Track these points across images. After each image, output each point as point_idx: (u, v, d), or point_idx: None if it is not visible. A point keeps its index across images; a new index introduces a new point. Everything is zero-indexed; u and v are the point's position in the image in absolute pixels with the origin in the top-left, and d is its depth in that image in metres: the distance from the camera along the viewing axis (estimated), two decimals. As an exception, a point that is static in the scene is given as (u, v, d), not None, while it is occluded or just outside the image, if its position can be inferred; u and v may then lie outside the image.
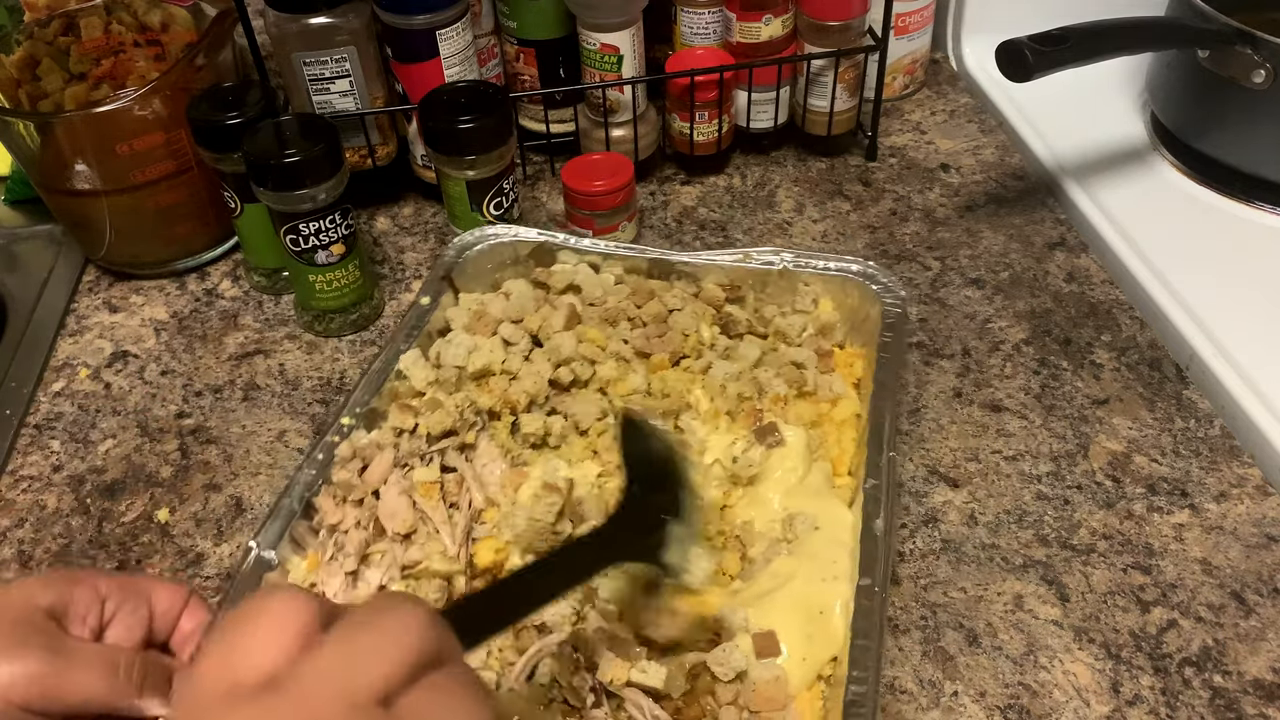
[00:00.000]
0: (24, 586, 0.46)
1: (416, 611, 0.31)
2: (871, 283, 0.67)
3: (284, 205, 0.71)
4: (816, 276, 0.69)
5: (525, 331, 0.66)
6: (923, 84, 1.00)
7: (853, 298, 0.68)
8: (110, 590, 0.48)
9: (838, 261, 0.68)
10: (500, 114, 0.72)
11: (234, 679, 0.29)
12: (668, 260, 0.70)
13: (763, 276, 0.69)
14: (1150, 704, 0.54)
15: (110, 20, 0.84)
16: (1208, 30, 0.78)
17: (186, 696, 0.30)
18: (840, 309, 0.69)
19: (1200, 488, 0.64)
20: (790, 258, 0.69)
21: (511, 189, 0.75)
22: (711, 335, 0.67)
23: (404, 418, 0.61)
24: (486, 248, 0.71)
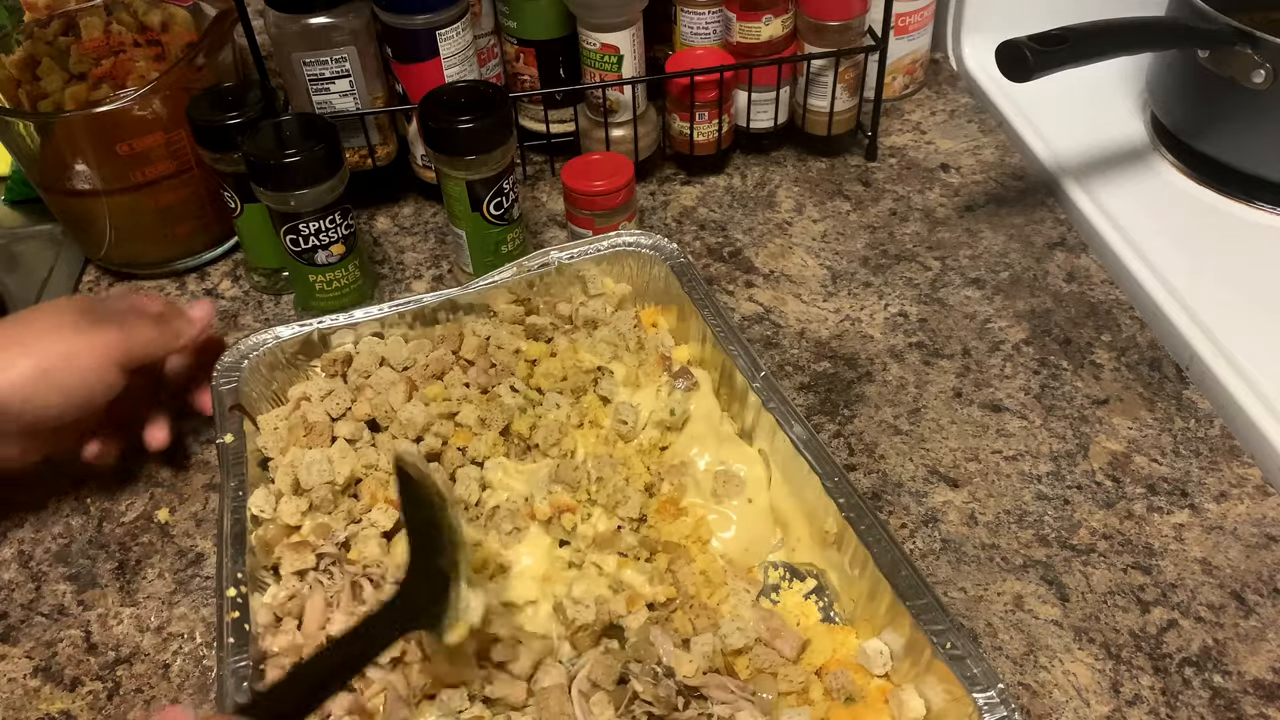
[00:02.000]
0: (63, 301, 0.65)
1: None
2: (641, 249, 0.72)
3: (284, 205, 0.71)
4: (590, 261, 0.72)
5: (358, 421, 0.65)
6: (923, 84, 1.00)
7: (630, 268, 0.73)
8: (116, 298, 0.65)
9: (604, 240, 0.72)
10: (500, 114, 0.72)
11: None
12: (449, 299, 0.70)
13: (544, 280, 0.72)
14: (1150, 704, 0.54)
15: (110, 20, 0.84)
16: (1208, 30, 0.78)
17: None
18: (627, 280, 0.73)
19: (1200, 488, 0.64)
20: (560, 254, 0.72)
21: (511, 189, 0.75)
22: (532, 347, 0.69)
23: (301, 556, 0.57)
24: (252, 363, 0.66)
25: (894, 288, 0.79)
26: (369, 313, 0.69)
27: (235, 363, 0.66)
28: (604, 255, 0.72)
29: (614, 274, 0.73)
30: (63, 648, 0.60)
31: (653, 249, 0.72)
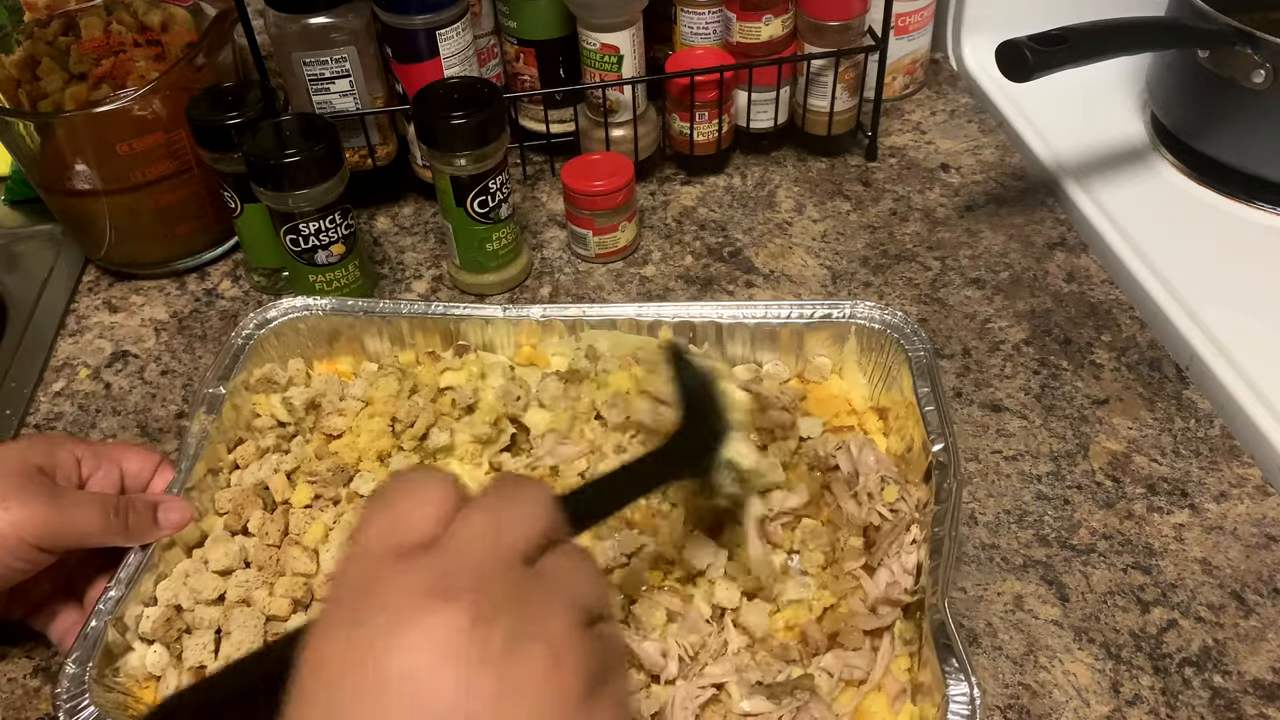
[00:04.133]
0: (13, 449, 0.54)
1: (543, 492, 0.37)
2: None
3: (284, 205, 0.71)
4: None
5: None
6: (923, 84, 1.00)
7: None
8: (84, 454, 0.57)
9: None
10: (490, 112, 0.72)
11: (399, 542, 0.33)
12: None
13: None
14: (1150, 704, 0.54)
15: (110, 20, 0.84)
16: (1208, 30, 0.78)
17: (357, 554, 0.34)
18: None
19: (1200, 488, 0.64)
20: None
21: (500, 189, 0.75)
22: None
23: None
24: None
25: (894, 288, 0.79)
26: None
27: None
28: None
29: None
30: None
31: (291, 313, 0.69)
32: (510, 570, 0.33)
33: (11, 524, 0.51)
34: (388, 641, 0.31)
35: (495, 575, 0.33)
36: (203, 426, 0.62)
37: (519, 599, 0.32)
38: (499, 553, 0.34)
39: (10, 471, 0.53)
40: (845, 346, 0.66)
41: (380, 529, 0.34)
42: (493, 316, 0.68)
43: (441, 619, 0.31)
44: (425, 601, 0.31)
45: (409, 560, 0.33)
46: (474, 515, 0.35)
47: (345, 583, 0.34)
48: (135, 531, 0.56)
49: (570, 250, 0.83)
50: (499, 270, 0.79)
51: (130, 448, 0.60)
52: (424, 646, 0.30)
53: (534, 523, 0.35)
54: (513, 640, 0.31)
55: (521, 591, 0.33)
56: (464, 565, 0.33)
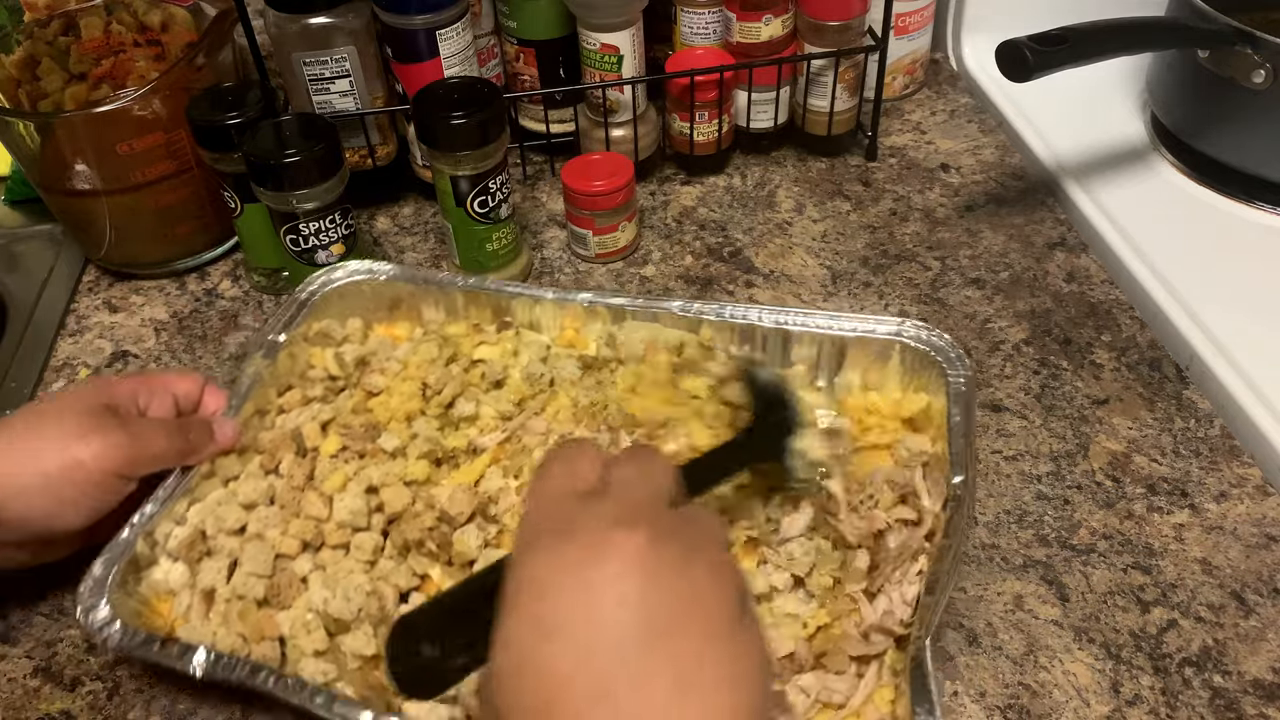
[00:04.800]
0: (77, 393, 0.59)
1: (667, 459, 0.44)
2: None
3: (284, 205, 0.71)
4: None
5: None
6: (923, 84, 1.00)
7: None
8: (139, 388, 0.61)
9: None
10: (490, 112, 0.72)
11: (574, 488, 0.41)
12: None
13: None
14: (1150, 704, 0.54)
15: (110, 20, 0.84)
16: (1208, 30, 0.78)
17: (544, 498, 0.41)
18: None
19: (1200, 488, 0.64)
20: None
21: (500, 189, 0.75)
22: None
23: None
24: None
25: (894, 288, 0.79)
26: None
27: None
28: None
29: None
30: (63, 648, 0.60)
31: (355, 275, 0.72)
32: (665, 510, 0.40)
33: (96, 458, 0.55)
34: (584, 556, 0.37)
35: (658, 512, 0.40)
36: (257, 370, 0.66)
37: (678, 528, 0.39)
38: (654, 496, 0.41)
39: (83, 411, 0.57)
40: (889, 364, 0.65)
41: (558, 478, 0.42)
42: (541, 297, 0.70)
43: (629, 542, 0.37)
44: (612, 529, 0.37)
45: (587, 500, 0.40)
46: (627, 468, 0.42)
47: (539, 518, 0.40)
48: (197, 448, 0.61)
49: (570, 250, 0.83)
50: (499, 270, 0.79)
51: (176, 374, 0.66)
52: (617, 559, 0.36)
53: (668, 479, 0.43)
54: (682, 558, 0.37)
55: (679, 525, 0.39)
56: (633, 505, 0.39)
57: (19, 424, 0.57)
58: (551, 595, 0.36)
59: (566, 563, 0.37)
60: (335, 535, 0.59)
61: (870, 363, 0.66)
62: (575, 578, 0.36)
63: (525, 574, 0.38)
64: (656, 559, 0.37)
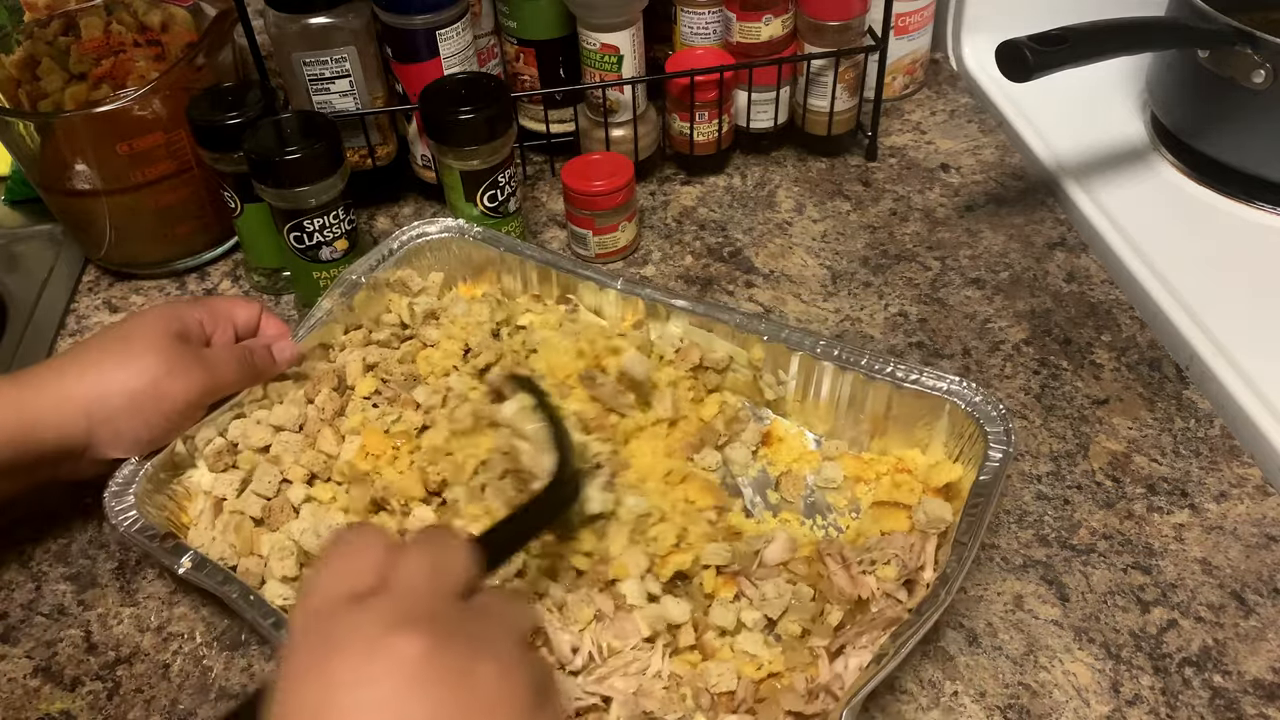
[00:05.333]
0: (149, 322, 0.62)
1: (462, 541, 0.41)
2: (429, 236, 0.73)
3: (287, 203, 0.71)
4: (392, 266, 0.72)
5: None
6: (923, 84, 1.00)
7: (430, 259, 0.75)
8: (204, 315, 0.65)
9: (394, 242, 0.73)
10: (498, 107, 0.72)
11: (351, 589, 0.37)
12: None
13: (354, 302, 0.70)
14: (1150, 704, 0.54)
15: (110, 20, 0.84)
16: (1208, 30, 0.78)
17: (314, 607, 0.37)
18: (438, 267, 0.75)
19: (1200, 488, 0.64)
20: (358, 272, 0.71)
21: (508, 183, 0.75)
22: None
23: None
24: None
25: (894, 288, 0.79)
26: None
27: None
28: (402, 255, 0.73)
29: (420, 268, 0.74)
30: (63, 648, 0.60)
31: (446, 231, 0.74)
32: (453, 604, 0.38)
33: (181, 390, 0.60)
34: (357, 675, 0.34)
35: (443, 609, 0.37)
36: (332, 305, 0.69)
37: (465, 627, 0.36)
38: (441, 590, 0.38)
39: (161, 344, 0.60)
40: (938, 424, 0.61)
41: (330, 580, 0.38)
42: (608, 284, 0.70)
43: (405, 648, 0.34)
44: (387, 635, 0.34)
45: (363, 604, 0.36)
46: (411, 560, 0.38)
47: (305, 631, 0.37)
48: (261, 371, 0.65)
49: (570, 250, 0.83)
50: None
51: (235, 302, 0.68)
52: (391, 675, 0.33)
53: (461, 566, 0.40)
54: (467, 660, 0.35)
55: (467, 622, 0.37)
56: (414, 603, 0.36)
57: (108, 351, 0.60)
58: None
59: (336, 683, 0.34)
60: (339, 474, 0.62)
61: (919, 418, 0.62)
62: (351, 699, 0.33)
63: (294, 702, 0.34)
64: (436, 669, 0.34)
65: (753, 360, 0.66)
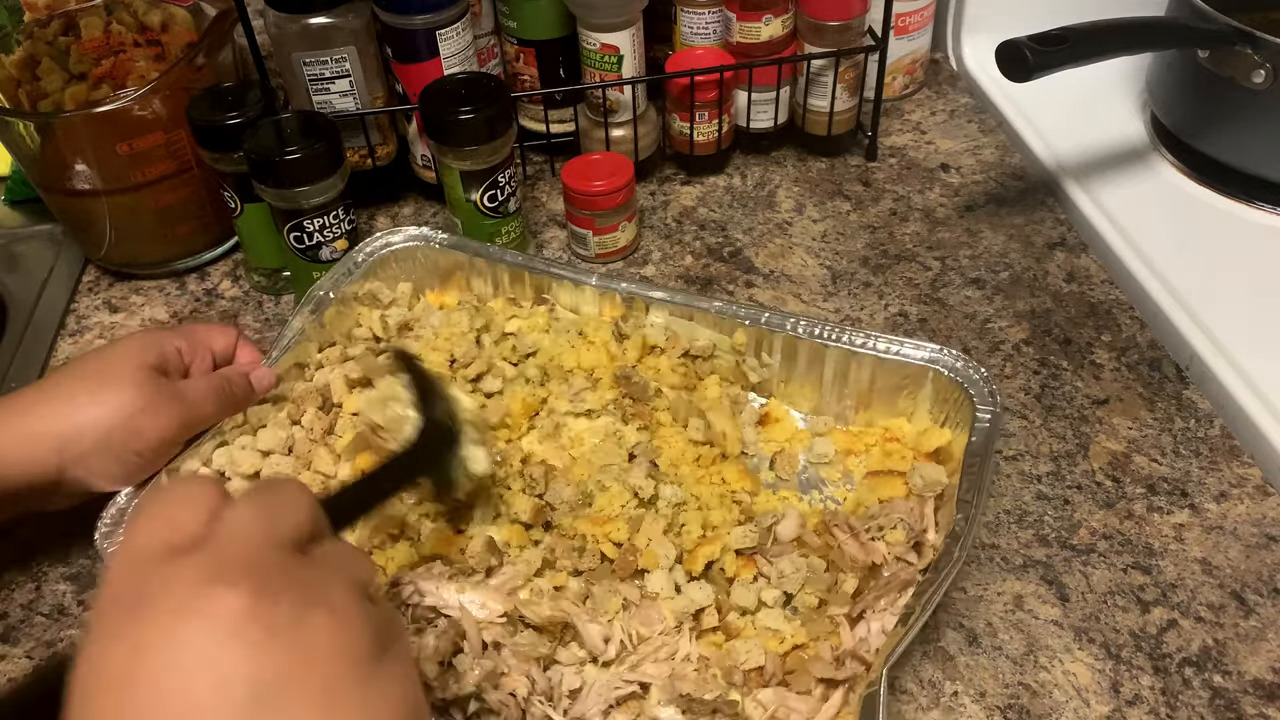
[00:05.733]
0: (124, 354, 0.59)
1: (303, 491, 0.38)
2: (395, 245, 0.72)
3: (287, 202, 0.71)
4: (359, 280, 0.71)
5: None
6: (923, 84, 1.00)
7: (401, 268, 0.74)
8: (181, 344, 0.62)
9: (360, 253, 0.72)
10: (497, 107, 0.72)
11: (168, 542, 0.33)
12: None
13: (326, 320, 0.69)
14: (1150, 704, 0.54)
15: (110, 20, 0.84)
16: (1208, 30, 0.78)
17: (126, 562, 0.34)
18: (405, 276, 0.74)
19: (1200, 488, 0.64)
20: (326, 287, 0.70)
21: (508, 183, 0.75)
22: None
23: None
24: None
25: (894, 288, 0.79)
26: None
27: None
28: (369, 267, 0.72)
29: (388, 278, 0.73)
30: (63, 647, 0.60)
31: (411, 240, 0.73)
32: (282, 555, 0.35)
33: (155, 428, 0.58)
34: (167, 635, 0.31)
35: (271, 559, 0.34)
36: (303, 324, 0.68)
37: (297, 578, 0.34)
38: (271, 540, 0.35)
39: (137, 378, 0.58)
40: (921, 392, 0.63)
41: (146, 532, 0.34)
42: (584, 282, 0.70)
43: (223, 603, 0.31)
44: (203, 589, 0.31)
45: (181, 557, 0.33)
46: (241, 509, 0.35)
47: (115, 590, 0.33)
48: (241, 401, 0.63)
49: (570, 250, 0.83)
50: (505, 265, 0.79)
51: (212, 329, 0.66)
52: (209, 630, 0.31)
53: (300, 514, 0.37)
54: (296, 610, 0.32)
55: (296, 572, 0.34)
56: (238, 553, 0.33)
57: (81, 385, 0.58)
58: (133, 692, 0.30)
59: (145, 644, 0.30)
60: None
61: (903, 388, 0.64)
62: (160, 662, 0.30)
63: (98, 668, 0.31)
64: (259, 624, 0.31)
65: (735, 345, 0.67)
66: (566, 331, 0.69)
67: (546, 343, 0.69)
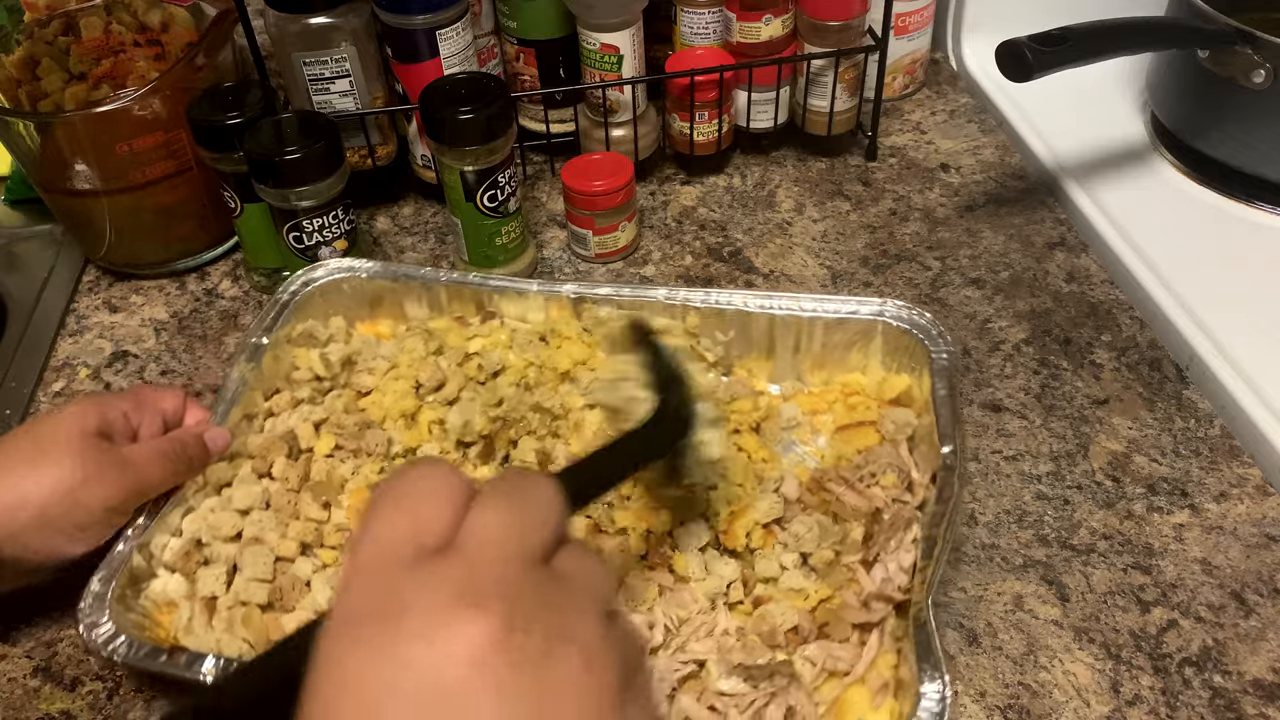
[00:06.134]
0: (68, 420, 0.56)
1: (550, 486, 0.36)
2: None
3: (286, 202, 0.71)
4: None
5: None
6: (923, 84, 1.00)
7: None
8: (128, 407, 0.59)
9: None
10: (497, 107, 0.72)
11: (414, 545, 0.32)
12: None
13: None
14: (1150, 704, 0.54)
15: (110, 20, 0.84)
16: (1208, 30, 0.78)
17: (374, 560, 0.32)
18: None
19: (1200, 488, 0.64)
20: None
21: (508, 183, 0.75)
22: None
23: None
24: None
25: (894, 287, 0.79)
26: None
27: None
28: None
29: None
30: (63, 648, 0.60)
31: (336, 273, 0.72)
32: (533, 573, 0.32)
33: (97, 498, 0.54)
34: (417, 654, 0.29)
35: (521, 580, 0.32)
36: (242, 374, 0.66)
37: (546, 603, 0.32)
38: (521, 555, 0.32)
39: (78, 447, 0.55)
40: (871, 344, 0.66)
41: (391, 525, 0.33)
42: (526, 290, 0.70)
43: (474, 628, 0.29)
44: (454, 611, 0.30)
45: (428, 566, 0.31)
46: (489, 515, 0.33)
47: (360, 592, 0.32)
48: (194, 465, 0.60)
49: (570, 250, 0.83)
50: (507, 264, 0.79)
51: (160, 390, 0.63)
52: (458, 657, 0.29)
53: (550, 516, 0.35)
54: (547, 644, 0.30)
55: (548, 595, 0.32)
56: (488, 570, 0.31)
57: (15, 458, 0.54)
58: (375, 706, 0.29)
59: (392, 660, 0.29)
60: (334, 536, 0.60)
61: (854, 343, 0.67)
62: (407, 682, 0.29)
63: (339, 676, 0.30)
64: (510, 655, 0.29)
65: (689, 328, 0.68)
66: (532, 341, 0.68)
67: (512, 358, 0.68)
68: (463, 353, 0.68)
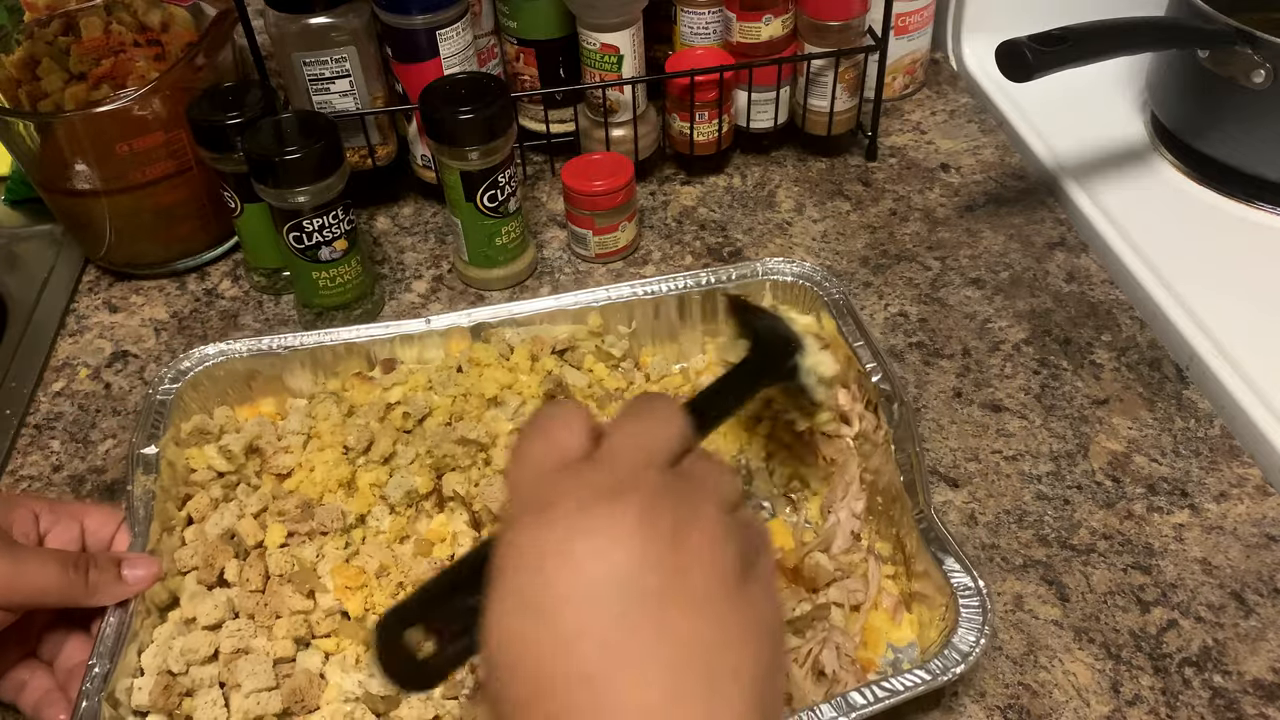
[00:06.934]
0: None
1: (673, 406, 0.41)
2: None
3: (286, 202, 0.71)
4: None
5: None
6: (923, 84, 1.00)
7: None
8: (42, 510, 0.56)
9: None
10: (497, 107, 0.72)
11: (560, 457, 0.37)
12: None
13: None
14: (1150, 704, 0.54)
15: (110, 20, 0.84)
16: (1208, 30, 0.78)
17: (527, 475, 0.37)
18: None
19: (1200, 488, 0.64)
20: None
21: (508, 183, 0.75)
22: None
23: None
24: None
25: (894, 288, 0.79)
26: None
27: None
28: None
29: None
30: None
31: (204, 361, 0.67)
32: (661, 472, 0.37)
33: None
34: (571, 534, 0.34)
35: (651, 479, 0.36)
36: (145, 488, 0.60)
37: (674, 494, 0.36)
38: (649, 459, 0.37)
39: None
40: (764, 303, 0.69)
41: (539, 450, 0.38)
42: (416, 331, 0.68)
43: (616, 515, 0.34)
44: (597, 503, 0.35)
45: (573, 471, 0.37)
46: (620, 433, 0.38)
47: (520, 497, 0.37)
48: (97, 589, 0.53)
49: (570, 250, 0.83)
50: (507, 264, 0.79)
51: (90, 506, 0.59)
52: (603, 535, 0.34)
53: (671, 432, 0.39)
54: (675, 527, 0.35)
55: (674, 489, 0.37)
56: (623, 471, 0.36)
57: None
58: (535, 575, 0.34)
59: (551, 539, 0.35)
60: (326, 623, 0.57)
61: None
62: (559, 555, 0.34)
63: (510, 555, 0.36)
64: (645, 536, 0.35)
65: (592, 329, 0.69)
66: (451, 376, 0.67)
67: (435, 399, 0.65)
68: (382, 405, 0.65)
